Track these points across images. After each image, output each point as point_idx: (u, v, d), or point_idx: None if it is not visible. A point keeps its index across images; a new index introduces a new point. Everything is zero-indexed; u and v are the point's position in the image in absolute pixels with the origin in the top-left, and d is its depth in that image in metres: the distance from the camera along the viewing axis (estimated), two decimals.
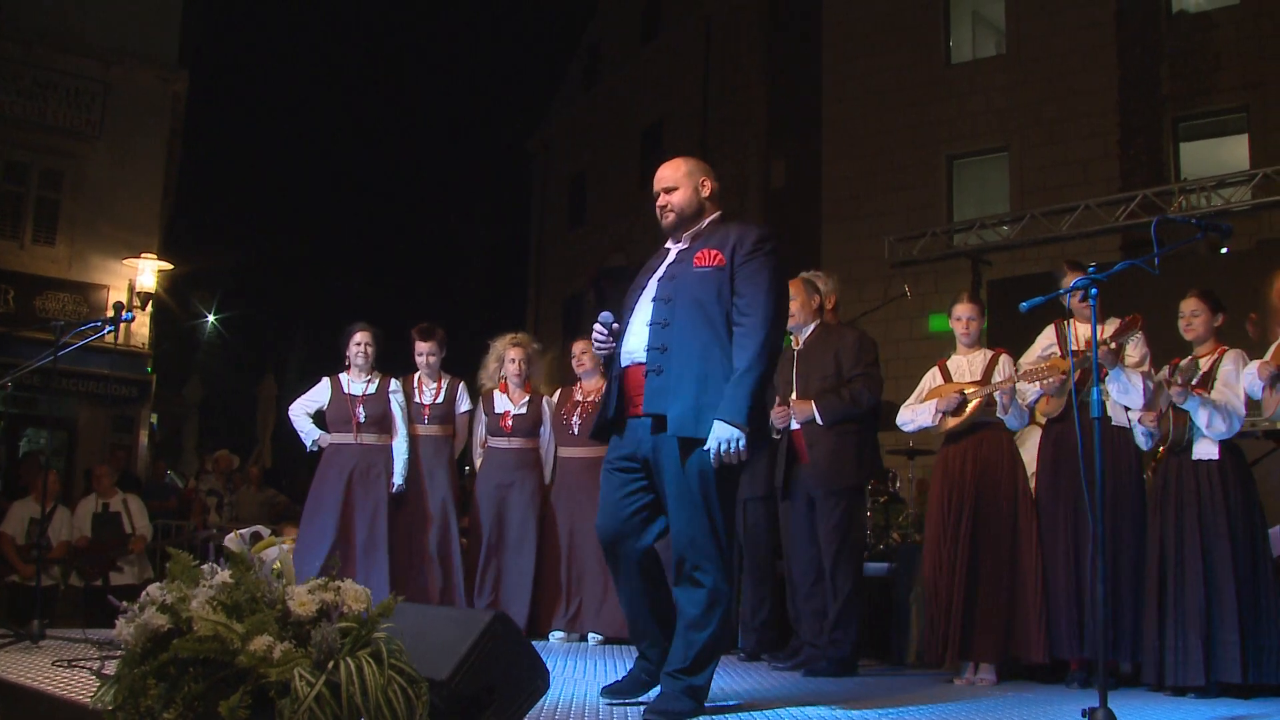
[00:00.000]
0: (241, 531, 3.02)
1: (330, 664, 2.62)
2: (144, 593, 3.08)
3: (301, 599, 2.74)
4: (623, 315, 3.69)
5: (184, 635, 2.88)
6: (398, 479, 6.28)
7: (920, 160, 16.35)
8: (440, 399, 6.52)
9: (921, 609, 5.45)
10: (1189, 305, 4.77)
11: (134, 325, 13.97)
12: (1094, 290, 3.30)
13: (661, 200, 3.69)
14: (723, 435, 3.32)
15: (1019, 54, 15.78)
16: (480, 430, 6.59)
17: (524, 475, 6.43)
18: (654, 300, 3.57)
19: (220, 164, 30.38)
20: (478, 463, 6.65)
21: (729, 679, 4.52)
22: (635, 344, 3.59)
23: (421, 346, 6.53)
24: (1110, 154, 13.74)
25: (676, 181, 3.68)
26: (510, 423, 6.43)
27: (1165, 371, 4.78)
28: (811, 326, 5.27)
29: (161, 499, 11.53)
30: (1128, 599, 4.71)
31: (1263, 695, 4.40)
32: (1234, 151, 14.06)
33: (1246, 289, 5.97)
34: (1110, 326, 4.81)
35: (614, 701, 3.59)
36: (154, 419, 16.23)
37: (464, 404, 6.61)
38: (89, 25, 14.03)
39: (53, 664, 4.18)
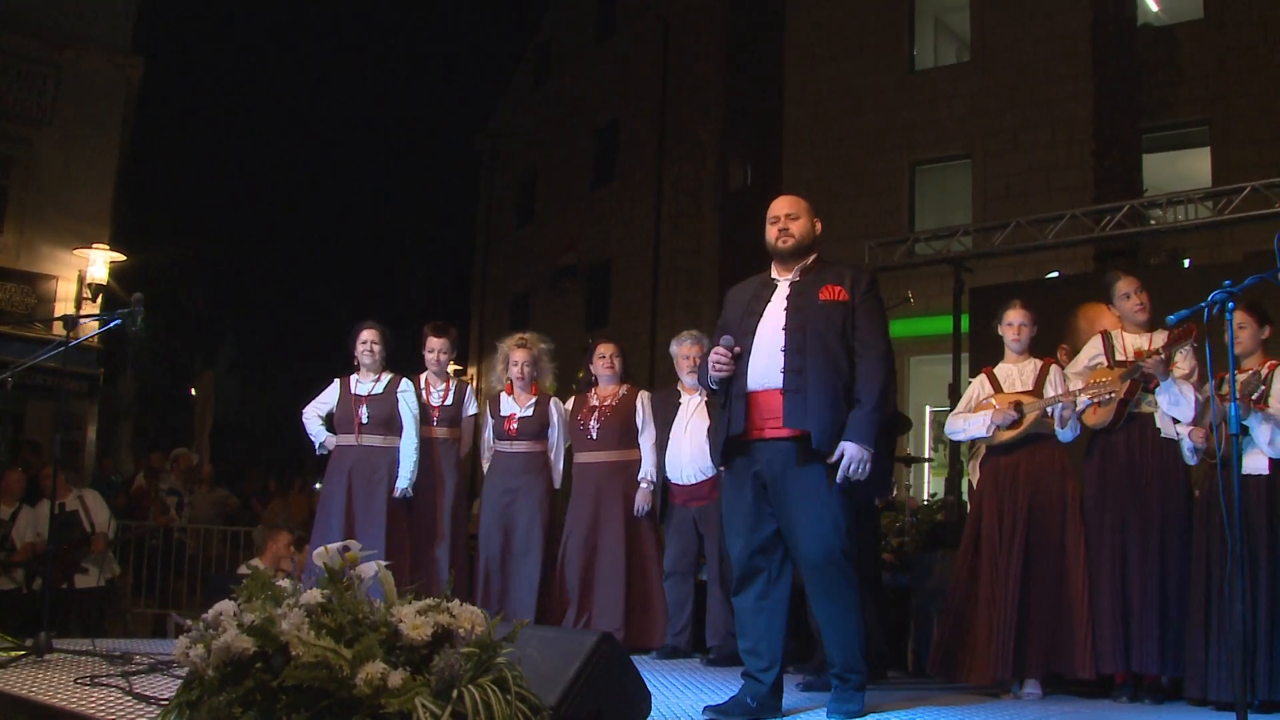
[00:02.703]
0: (331, 546, 2.82)
1: (454, 693, 2.44)
2: (213, 610, 2.88)
3: (413, 622, 2.56)
4: (740, 340, 3.96)
5: (270, 658, 2.70)
6: (403, 482, 6.05)
7: (883, 166, 16.37)
8: (449, 400, 6.31)
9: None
10: (1235, 318, 4.67)
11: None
12: (1230, 305, 3.23)
13: (783, 224, 4.08)
14: (855, 455, 3.75)
15: (983, 62, 15.88)
16: (487, 434, 6.39)
17: (531, 480, 6.19)
18: (784, 329, 3.91)
19: (165, 154, 29.54)
20: (485, 468, 6.44)
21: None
22: (768, 367, 3.88)
23: (434, 343, 6.30)
24: (1075, 163, 13.84)
25: (799, 212, 4.11)
26: (515, 426, 6.21)
27: (1211, 385, 4.71)
28: None
29: (110, 497, 11.14)
30: (1174, 613, 4.65)
31: None
32: (1193, 165, 14.29)
33: None
34: (1160, 337, 4.76)
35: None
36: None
37: (470, 407, 6.41)
38: (40, 7, 13.47)
39: (75, 681, 3.95)
